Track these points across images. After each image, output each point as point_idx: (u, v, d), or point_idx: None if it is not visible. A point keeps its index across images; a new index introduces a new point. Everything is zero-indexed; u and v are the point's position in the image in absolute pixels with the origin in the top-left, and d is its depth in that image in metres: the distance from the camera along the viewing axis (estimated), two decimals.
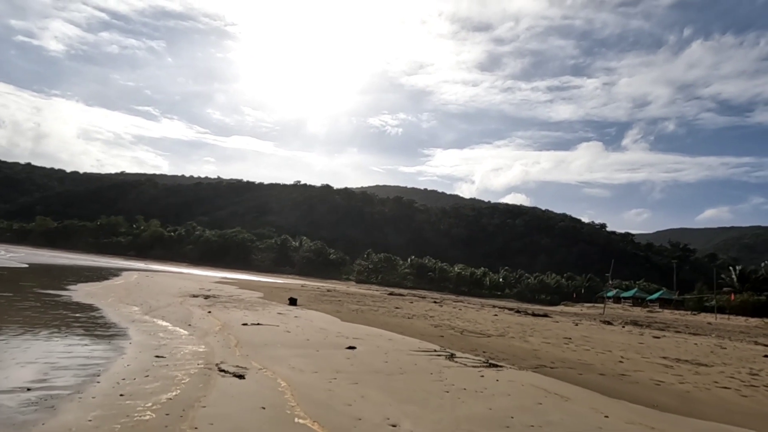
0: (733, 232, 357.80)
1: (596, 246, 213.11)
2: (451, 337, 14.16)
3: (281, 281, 63.53)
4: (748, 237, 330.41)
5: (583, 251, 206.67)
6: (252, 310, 17.44)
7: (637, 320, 34.00)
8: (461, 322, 19.60)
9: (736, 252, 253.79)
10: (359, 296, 37.06)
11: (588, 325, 24.22)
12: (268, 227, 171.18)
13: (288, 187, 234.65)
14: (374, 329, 14.67)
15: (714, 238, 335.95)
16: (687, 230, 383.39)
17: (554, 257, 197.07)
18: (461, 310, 29.67)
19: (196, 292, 24.39)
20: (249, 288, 33.71)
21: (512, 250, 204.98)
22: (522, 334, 16.96)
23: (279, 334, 11.70)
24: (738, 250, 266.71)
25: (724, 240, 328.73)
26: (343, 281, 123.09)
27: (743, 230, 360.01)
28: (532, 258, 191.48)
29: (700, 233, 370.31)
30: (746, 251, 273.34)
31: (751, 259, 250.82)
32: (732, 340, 21.90)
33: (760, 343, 21.39)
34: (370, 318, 18.22)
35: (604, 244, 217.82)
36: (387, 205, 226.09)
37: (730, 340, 21.89)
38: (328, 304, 24.37)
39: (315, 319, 16.19)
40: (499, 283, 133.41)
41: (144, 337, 9.91)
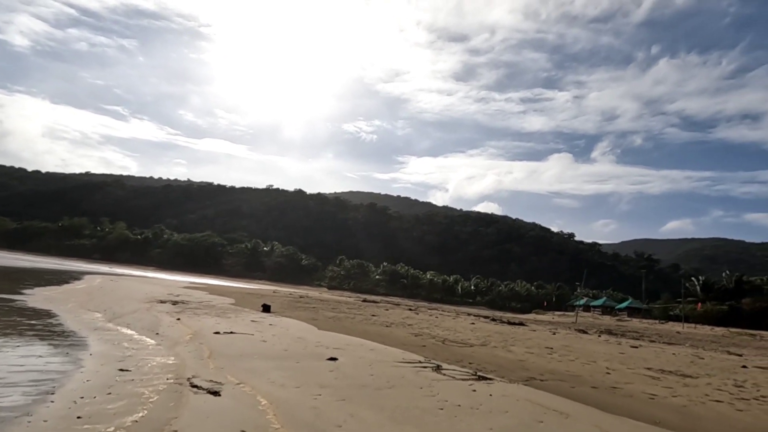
0: (695, 244, 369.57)
1: (565, 255, 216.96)
2: (434, 347, 13.66)
3: (253, 287, 62.12)
4: (709, 248, 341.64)
5: (553, 260, 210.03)
6: (224, 317, 16.60)
7: (610, 329, 34.23)
8: (441, 331, 19.14)
9: (697, 263, 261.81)
10: (333, 303, 36.27)
11: (565, 334, 24.10)
12: (239, 232, 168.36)
13: (260, 191, 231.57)
14: (354, 338, 14.05)
15: (676, 249, 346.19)
16: (651, 241, 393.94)
17: (525, 266, 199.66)
18: (438, 317, 29.25)
19: (164, 297, 23.29)
20: (220, 293, 32.58)
21: (484, 258, 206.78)
22: (504, 343, 16.60)
23: (255, 344, 10.98)
24: (699, 261, 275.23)
25: (686, 251, 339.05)
26: (316, 287, 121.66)
27: (704, 242, 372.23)
28: (503, 266, 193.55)
29: (663, 244, 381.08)
30: (707, 262, 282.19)
31: (711, 270, 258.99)
32: (706, 350, 22.06)
33: (733, 352, 21.58)
34: (348, 326, 17.58)
35: (573, 254, 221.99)
36: (360, 212, 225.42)
37: (704, 350, 22.05)
38: (303, 311, 23.60)
39: (291, 327, 15.47)
40: (470, 291, 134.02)
41: (106, 348, 9.07)
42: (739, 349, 24.53)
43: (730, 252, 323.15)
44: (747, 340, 33.50)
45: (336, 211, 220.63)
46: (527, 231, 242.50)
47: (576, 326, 35.65)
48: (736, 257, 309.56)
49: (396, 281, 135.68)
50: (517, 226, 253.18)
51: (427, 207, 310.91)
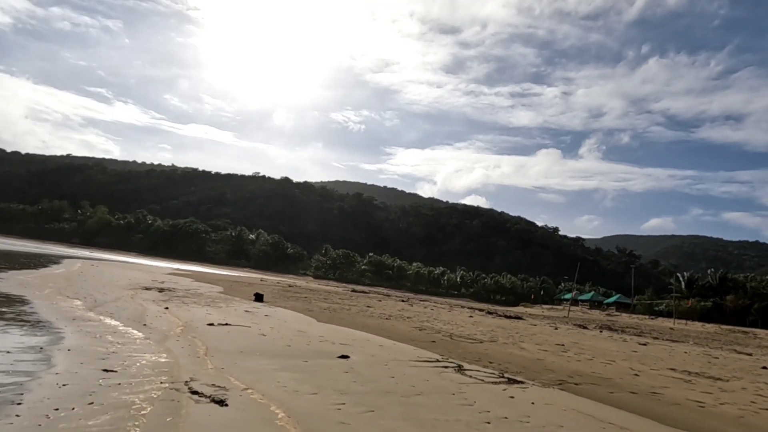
0: (674, 240, 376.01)
1: (549, 249, 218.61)
2: (444, 343, 12.68)
3: (238, 275, 60.71)
4: (687, 245, 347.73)
5: (537, 254, 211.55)
6: (215, 306, 15.43)
7: (607, 324, 33.73)
8: (442, 325, 18.22)
9: (676, 259, 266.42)
10: (324, 293, 35.21)
11: (567, 330, 23.38)
12: (223, 219, 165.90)
13: (246, 178, 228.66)
14: (357, 332, 13.02)
15: (656, 246, 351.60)
16: (631, 237, 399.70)
17: (509, 259, 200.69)
18: (433, 310, 28.37)
19: (149, 284, 21.99)
20: (206, 281, 31.28)
21: (468, 250, 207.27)
22: (511, 339, 15.72)
23: (253, 338, 9.87)
24: (678, 258, 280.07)
25: (665, 247, 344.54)
26: (301, 276, 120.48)
27: (683, 239, 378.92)
28: (487, 259, 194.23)
29: (643, 240, 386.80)
30: (685, 258, 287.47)
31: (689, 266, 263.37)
32: (712, 348, 21.51)
33: (740, 351, 21.05)
34: (346, 318, 16.54)
35: (556, 248, 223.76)
36: (346, 201, 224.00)
37: (710, 348, 21.51)
38: (295, 301, 22.49)
39: (288, 318, 14.37)
40: (456, 283, 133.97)
41: (87, 342, 7.89)
42: (743, 347, 24.07)
43: (707, 249, 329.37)
44: (741, 338, 33.33)
45: (322, 200, 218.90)
46: (512, 224, 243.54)
47: (571, 321, 35.14)
48: (714, 254, 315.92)
49: (382, 272, 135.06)
50: (503, 220, 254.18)
51: (414, 199, 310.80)
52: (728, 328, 41.66)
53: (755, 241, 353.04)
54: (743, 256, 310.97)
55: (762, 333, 38.68)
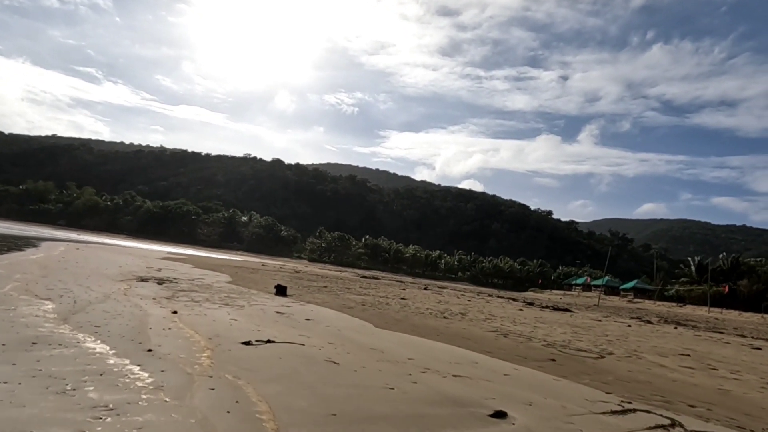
0: (663, 224, 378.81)
1: (543, 232, 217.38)
2: (568, 362, 9.13)
3: (236, 258, 56.86)
4: (676, 229, 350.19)
5: (531, 237, 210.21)
6: (234, 305, 11.74)
7: (661, 315, 30.52)
8: (512, 324, 14.71)
9: (665, 243, 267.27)
10: (337, 280, 31.63)
11: (637, 325, 20.01)
12: (214, 200, 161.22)
13: (236, 159, 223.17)
14: (441, 346, 9.43)
15: (645, 229, 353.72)
16: (621, 221, 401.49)
17: (503, 242, 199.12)
18: (470, 301, 24.88)
19: (144, 272, 18.21)
20: (207, 267, 27.48)
21: (463, 233, 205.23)
22: (614, 345, 12.25)
23: (325, 371, 6.21)
24: (667, 241, 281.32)
25: (654, 231, 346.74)
26: (295, 259, 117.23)
27: (672, 222, 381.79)
28: (482, 242, 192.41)
29: (633, 224, 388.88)
30: (674, 242, 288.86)
31: (678, 250, 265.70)
32: None
33: None
34: (402, 320, 12.95)
35: (550, 231, 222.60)
36: (340, 184, 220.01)
37: None
38: (320, 293, 18.83)
39: (338, 324, 10.70)
40: (453, 266, 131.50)
41: (44, 408, 4.18)
42: None
43: (696, 233, 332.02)
44: None
45: (315, 182, 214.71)
46: (506, 208, 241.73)
47: (606, 310, 31.97)
48: (702, 238, 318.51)
49: (378, 255, 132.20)
50: (497, 203, 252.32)
51: (406, 181, 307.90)
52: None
53: (742, 225, 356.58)
54: (731, 240, 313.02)
55: None
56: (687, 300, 72.18)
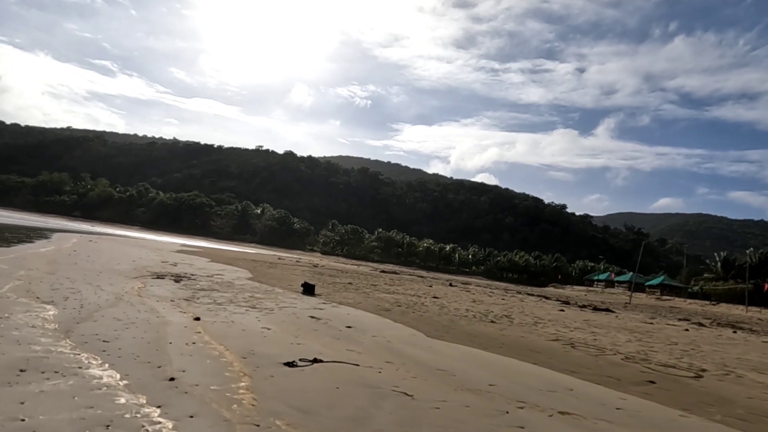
0: (678, 219, 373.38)
1: (558, 226, 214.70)
2: (664, 382, 7.59)
3: (249, 251, 55.75)
4: (692, 223, 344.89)
5: (545, 231, 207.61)
6: (261, 308, 10.34)
7: (706, 316, 28.70)
8: (571, 332, 13.14)
9: (680, 237, 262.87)
10: (358, 276, 30.24)
11: (694, 329, 18.32)
12: (227, 193, 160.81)
13: (249, 152, 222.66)
14: (501, 358, 7.96)
15: (660, 224, 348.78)
16: (636, 215, 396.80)
17: (517, 236, 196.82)
18: (504, 300, 23.32)
19: (159, 268, 16.90)
20: (224, 261, 26.19)
21: (476, 227, 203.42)
22: (697, 359, 10.69)
23: (403, 409, 4.74)
24: (682, 235, 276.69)
25: (669, 225, 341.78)
26: (308, 252, 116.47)
27: (688, 217, 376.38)
28: (495, 236, 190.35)
29: (648, 218, 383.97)
30: (690, 236, 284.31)
31: (693, 245, 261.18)
32: None
33: None
34: (449, 326, 11.46)
35: (565, 225, 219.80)
36: (352, 176, 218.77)
37: None
38: (348, 291, 17.40)
39: (381, 331, 9.25)
40: (467, 260, 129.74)
41: None
42: None
43: (712, 228, 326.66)
44: None
45: (327, 174, 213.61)
46: (520, 201, 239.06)
47: (640, 309, 30.22)
48: (718, 233, 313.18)
49: (391, 248, 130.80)
50: (510, 196, 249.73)
51: (419, 174, 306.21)
52: None
53: (760, 220, 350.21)
54: (747, 234, 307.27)
55: None
56: (713, 297, 69.89)
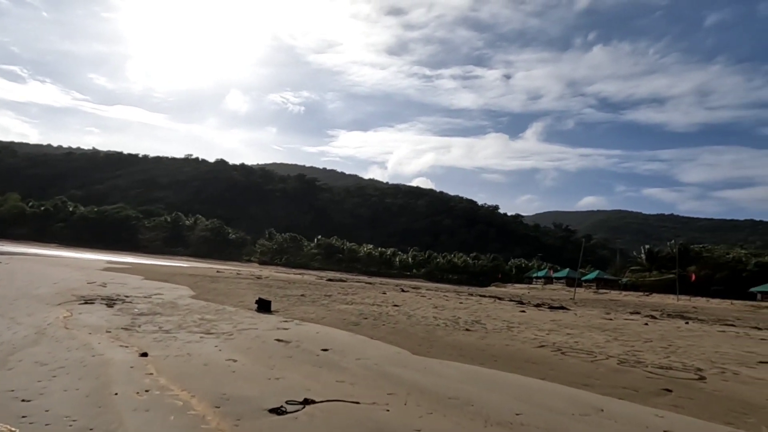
0: (601, 215, 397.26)
1: (493, 226, 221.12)
2: (678, 388, 6.98)
3: (183, 265, 52.44)
4: (613, 220, 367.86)
5: (482, 231, 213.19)
6: (217, 332, 8.89)
7: (654, 307, 29.47)
8: (550, 335, 12.56)
9: (603, 233, 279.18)
10: (304, 285, 28.77)
11: (651, 322, 18.43)
12: (155, 204, 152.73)
13: (178, 160, 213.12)
14: (506, 375, 7.09)
15: (585, 221, 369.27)
16: (563, 213, 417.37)
17: (455, 237, 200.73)
18: (461, 303, 22.71)
19: (86, 290, 14.80)
20: (160, 278, 23.90)
21: (415, 230, 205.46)
22: (683, 356, 10.35)
23: None
24: (605, 231, 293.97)
25: (593, 222, 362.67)
26: (245, 263, 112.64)
27: (609, 213, 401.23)
28: (434, 238, 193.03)
29: (574, 216, 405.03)
30: (612, 232, 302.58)
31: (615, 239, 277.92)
32: None
33: None
34: (429, 339, 10.48)
35: (499, 225, 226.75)
36: (289, 183, 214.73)
37: None
38: (303, 304, 16.03)
39: (362, 351, 8.10)
40: (408, 263, 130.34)
41: None
42: None
43: (630, 223, 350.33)
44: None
45: (262, 182, 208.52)
46: (456, 203, 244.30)
47: (586, 303, 30.83)
48: (636, 227, 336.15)
49: (332, 255, 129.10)
50: (446, 199, 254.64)
51: (355, 180, 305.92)
52: (752, 305, 39.25)
53: (671, 214, 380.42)
54: (662, 228, 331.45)
55: None
56: (642, 288, 73.74)
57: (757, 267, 70.77)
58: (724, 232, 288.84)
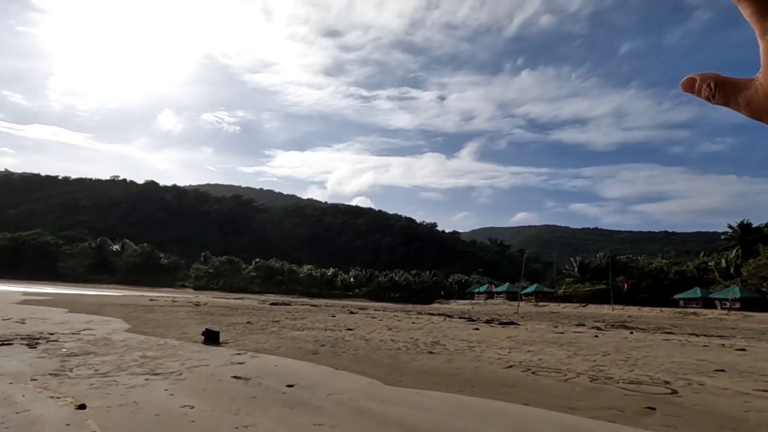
0: (532, 230, 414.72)
1: (432, 243, 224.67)
2: (660, 405, 6.81)
3: (112, 294, 48.83)
4: (544, 234, 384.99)
5: (421, 248, 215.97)
6: (164, 372, 7.88)
7: (598, 319, 30.28)
8: (511, 354, 12.32)
9: (535, 247, 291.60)
10: (247, 311, 27.36)
11: (601, 334, 18.78)
12: (78, 229, 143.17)
13: (104, 182, 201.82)
14: (495, 404, 6.66)
15: (517, 236, 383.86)
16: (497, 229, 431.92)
17: (395, 255, 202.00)
18: (415, 323, 22.28)
19: (1, 327, 13.07)
20: (87, 310, 21.83)
21: (355, 249, 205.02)
22: (644, 369, 10.39)
23: None
24: (536, 245, 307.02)
25: (525, 237, 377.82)
26: (179, 289, 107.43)
27: (540, 228, 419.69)
28: (374, 256, 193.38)
29: (507, 231, 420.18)
30: (543, 246, 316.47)
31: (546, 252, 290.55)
32: (751, 340, 18.36)
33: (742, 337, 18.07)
34: (396, 365, 9.91)
35: (438, 242, 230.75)
36: (224, 204, 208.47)
37: (750, 340, 18.36)
38: (252, 333, 14.98)
39: (331, 385, 7.41)
40: (350, 283, 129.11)
41: None
42: (725, 331, 21.55)
43: (559, 237, 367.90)
44: (695, 319, 32.24)
45: (197, 204, 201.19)
46: (395, 222, 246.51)
47: (529, 317, 31.39)
48: (564, 241, 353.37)
49: (271, 277, 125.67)
50: (385, 217, 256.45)
51: (293, 200, 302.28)
52: (674, 311, 41.41)
53: (595, 228, 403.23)
54: (588, 241, 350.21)
55: (706, 312, 38.67)
56: (575, 299, 76.77)
57: (677, 275, 75.54)
58: (642, 243, 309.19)
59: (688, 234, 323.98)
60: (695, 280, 68.14)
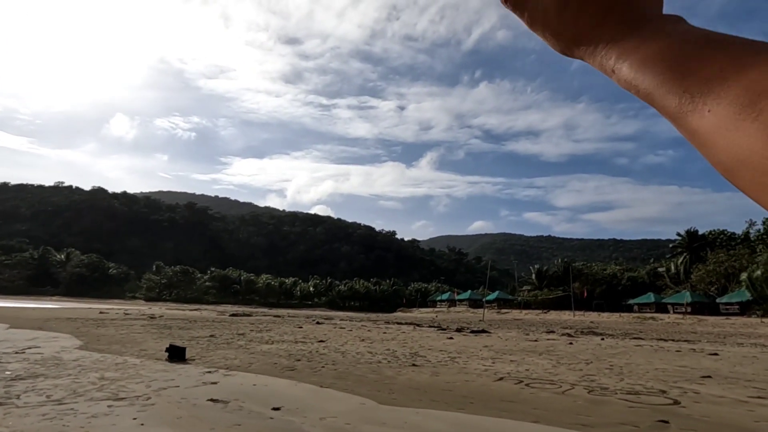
0: (488, 238, 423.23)
1: (391, 252, 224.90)
2: (674, 419, 6.49)
3: (55, 306, 45.81)
4: (499, 242, 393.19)
5: (380, 257, 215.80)
6: (127, 396, 6.97)
7: (565, 326, 30.47)
8: (495, 365, 11.91)
9: (491, 254, 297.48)
10: (208, 323, 26.01)
11: (573, 341, 18.73)
12: (17, 238, 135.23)
13: (46, 189, 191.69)
14: (492, 422, 6.17)
15: (474, 243, 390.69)
16: (455, 237, 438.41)
17: (354, 263, 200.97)
18: (386, 333, 21.65)
19: None
20: (31, 325, 20.09)
21: (314, 257, 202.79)
22: (634, 377, 10.18)
23: None
24: (492, 253, 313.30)
25: (481, 245, 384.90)
26: (129, 300, 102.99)
27: (495, 236, 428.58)
28: (333, 265, 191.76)
29: (464, 239, 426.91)
30: (498, 253, 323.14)
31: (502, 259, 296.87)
32: (725, 344, 18.78)
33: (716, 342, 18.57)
34: (382, 381, 9.27)
35: (397, 250, 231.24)
36: (178, 212, 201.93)
37: (721, 344, 18.78)
38: (218, 348, 13.99)
39: (319, 405, 6.71)
40: (309, 293, 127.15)
41: None
42: (687, 335, 22.15)
43: (514, 245, 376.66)
44: (654, 324, 33.08)
45: (148, 212, 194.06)
46: (354, 230, 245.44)
47: (493, 324, 31.39)
48: (519, 248, 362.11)
49: (227, 287, 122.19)
50: (344, 226, 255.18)
51: (250, 208, 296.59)
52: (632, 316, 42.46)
53: (548, 236, 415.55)
54: (541, 248, 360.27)
55: (662, 316, 39.84)
56: (534, 305, 78.16)
57: (629, 281, 78.15)
58: (593, 250, 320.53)
59: (634, 241, 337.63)
60: (647, 285, 70.58)
